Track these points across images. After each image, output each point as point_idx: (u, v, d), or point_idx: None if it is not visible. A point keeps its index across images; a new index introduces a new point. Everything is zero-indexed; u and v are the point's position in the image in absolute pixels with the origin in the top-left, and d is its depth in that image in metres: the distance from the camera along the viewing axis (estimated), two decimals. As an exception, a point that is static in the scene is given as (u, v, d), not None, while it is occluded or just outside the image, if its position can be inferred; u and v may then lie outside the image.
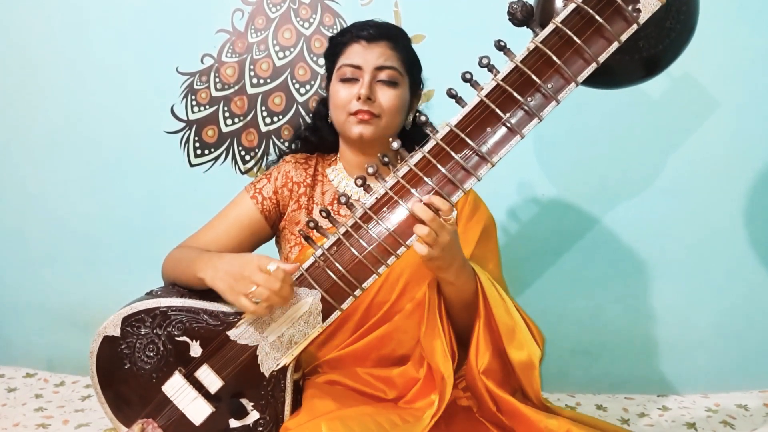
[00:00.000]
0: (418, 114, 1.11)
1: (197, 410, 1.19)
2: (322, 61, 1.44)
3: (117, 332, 1.21)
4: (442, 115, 1.12)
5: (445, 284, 1.19)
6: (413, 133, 1.40)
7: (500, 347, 1.20)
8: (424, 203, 1.06)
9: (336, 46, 1.36)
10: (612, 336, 2.00)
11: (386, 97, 1.30)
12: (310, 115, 1.54)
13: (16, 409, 1.83)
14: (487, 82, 1.05)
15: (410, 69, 1.36)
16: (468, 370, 1.22)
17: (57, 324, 2.11)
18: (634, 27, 1.01)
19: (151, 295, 1.26)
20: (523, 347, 1.18)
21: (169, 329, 1.20)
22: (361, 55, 1.31)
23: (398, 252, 1.09)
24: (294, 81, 1.98)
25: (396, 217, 1.08)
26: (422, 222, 1.05)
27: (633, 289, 1.97)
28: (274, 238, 1.44)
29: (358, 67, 1.30)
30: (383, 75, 1.30)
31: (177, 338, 1.19)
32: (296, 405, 1.21)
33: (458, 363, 1.25)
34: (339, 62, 1.34)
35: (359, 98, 1.28)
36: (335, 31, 1.91)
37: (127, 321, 1.21)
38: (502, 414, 1.21)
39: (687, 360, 1.97)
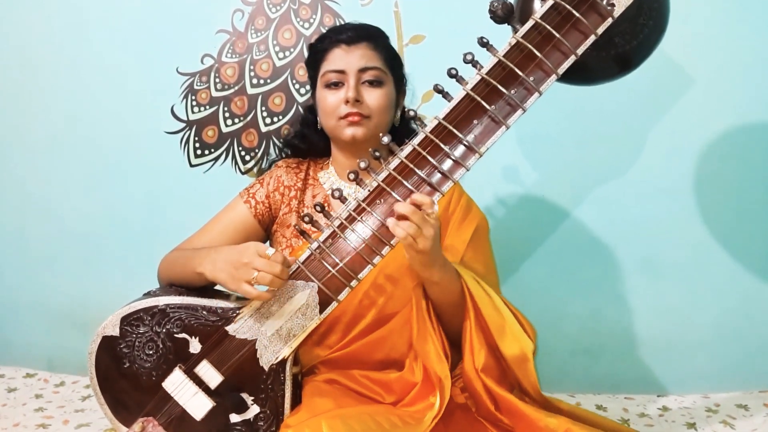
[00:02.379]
0: (406, 110, 1.13)
1: (198, 405, 1.19)
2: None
3: (116, 332, 1.21)
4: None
5: (430, 285, 1.20)
6: (402, 128, 1.42)
7: (493, 344, 1.20)
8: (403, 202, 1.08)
9: (316, 54, 1.36)
10: (612, 336, 1.99)
11: (373, 97, 1.31)
12: (299, 123, 1.54)
13: (17, 410, 1.83)
14: (472, 76, 1.09)
15: (393, 67, 1.37)
16: (464, 371, 1.23)
17: (57, 324, 2.11)
18: (609, 20, 1.06)
19: (149, 294, 1.26)
20: (514, 341, 1.19)
21: (168, 327, 1.20)
22: (343, 58, 1.31)
23: (392, 242, 1.12)
24: (294, 81, 1.98)
25: (389, 208, 1.12)
26: (405, 218, 1.08)
27: (633, 289, 1.97)
28: (267, 243, 1.45)
29: (341, 72, 1.31)
30: (368, 76, 1.31)
31: (176, 335, 1.20)
32: (296, 400, 1.21)
33: (452, 364, 1.26)
34: (322, 69, 1.34)
35: (347, 101, 1.29)
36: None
37: (125, 320, 1.21)
38: (501, 413, 1.21)
39: (687, 360, 1.96)
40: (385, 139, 1.09)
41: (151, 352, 1.20)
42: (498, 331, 1.19)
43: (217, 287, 1.28)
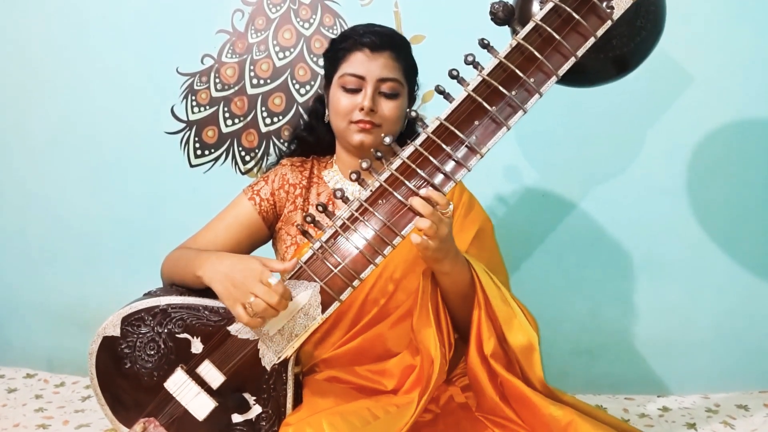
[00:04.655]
0: (408, 110, 1.14)
1: (200, 406, 1.19)
2: (322, 61, 1.44)
3: (117, 332, 1.21)
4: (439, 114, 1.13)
5: (440, 275, 1.20)
6: (405, 130, 1.41)
7: (500, 335, 1.21)
8: (422, 198, 1.08)
9: (338, 51, 1.35)
10: (612, 336, 2.00)
11: (388, 108, 1.32)
12: (307, 114, 1.54)
13: (17, 410, 1.83)
14: (473, 77, 1.09)
15: (409, 77, 1.37)
16: (469, 360, 1.23)
17: (57, 324, 2.11)
18: (609, 23, 1.06)
19: (149, 294, 1.26)
20: (521, 332, 1.19)
21: (169, 327, 1.20)
22: (365, 65, 1.31)
23: (394, 242, 1.12)
24: (294, 81, 1.98)
25: (391, 208, 1.12)
26: (422, 216, 1.08)
27: (633, 289, 1.97)
28: (270, 240, 1.45)
29: (361, 78, 1.31)
30: (385, 87, 1.31)
31: (178, 335, 1.19)
32: (297, 399, 1.22)
33: (456, 357, 1.26)
34: (341, 69, 1.33)
35: (362, 109, 1.29)
36: (335, 32, 1.92)
37: (126, 320, 1.21)
38: (506, 400, 1.21)
39: (687, 360, 1.97)
40: (387, 140, 1.10)
41: (152, 353, 1.20)
42: (506, 322, 1.19)
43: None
